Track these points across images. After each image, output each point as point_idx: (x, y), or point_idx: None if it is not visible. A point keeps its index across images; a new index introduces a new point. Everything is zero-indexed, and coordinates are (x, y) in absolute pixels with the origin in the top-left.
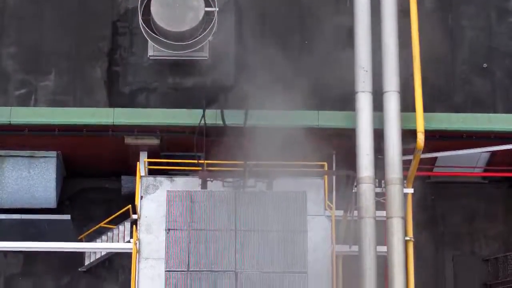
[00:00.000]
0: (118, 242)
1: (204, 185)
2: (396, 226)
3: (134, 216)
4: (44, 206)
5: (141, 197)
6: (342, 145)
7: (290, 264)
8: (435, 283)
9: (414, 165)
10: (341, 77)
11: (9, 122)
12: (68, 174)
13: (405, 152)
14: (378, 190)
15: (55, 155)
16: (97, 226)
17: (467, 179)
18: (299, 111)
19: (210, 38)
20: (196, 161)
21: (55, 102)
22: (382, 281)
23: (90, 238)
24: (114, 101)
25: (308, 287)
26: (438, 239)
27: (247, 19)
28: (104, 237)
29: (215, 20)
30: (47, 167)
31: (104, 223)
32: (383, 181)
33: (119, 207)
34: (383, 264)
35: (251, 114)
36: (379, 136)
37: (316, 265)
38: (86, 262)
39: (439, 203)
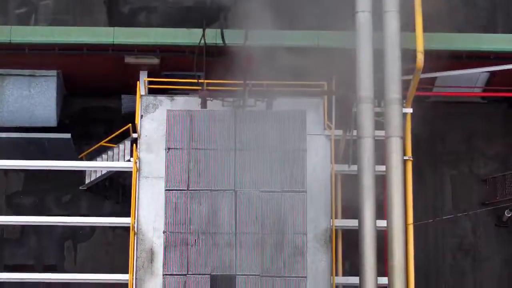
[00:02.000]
0: (118, 161)
1: (204, 105)
2: (395, 145)
3: (134, 135)
4: (44, 124)
5: (141, 116)
6: (341, 65)
7: (289, 183)
8: (433, 203)
9: (413, 85)
10: None
11: (9, 41)
12: (69, 93)
13: (404, 72)
14: (378, 109)
15: (55, 74)
16: (97, 145)
17: (466, 99)
18: (299, 31)
19: None
20: (196, 80)
21: (55, 21)
22: (381, 200)
23: (91, 157)
24: (114, 20)
25: (307, 206)
26: (437, 158)
27: None
28: (104, 156)
29: None
30: (47, 86)
31: (105, 142)
32: (382, 101)
33: (119, 126)
34: (382, 184)
35: (251, 34)
36: (378, 56)
37: (315, 184)
38: (87, 181)
39: (438, 123)
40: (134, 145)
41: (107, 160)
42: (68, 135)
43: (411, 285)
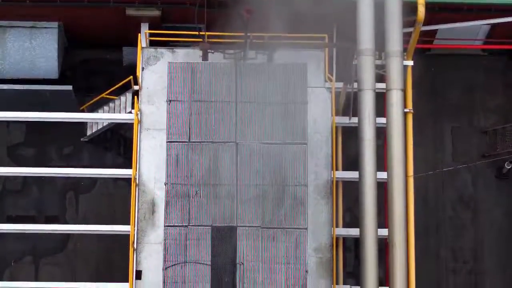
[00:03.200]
0: (119, 113)
1: (205, 57)
2: (395, 98)
3: (136, 87)
4: (46, 76)
5: (142, 68)
6: (343, 18)
7: (290, 135)
8: (434, 155)
9: (414, 38)
10: None
11: None
12: (70, 45)
13: (405, 24)
14: (378, 62)
15: (56, 26)
16: (98, 97)
17: (467, 52)
18: None
19: None
20: (197, 32)
21: None
22: (381, 152)
23: (92, 109)
24: None
25: (308, 158)
26: (437, 111)
27: None
28: (105, 108)
29: None
30: (49, 37)
31: (106, 94)
32: (383, 53)
33: (121, 78)
34: (382, 136)
35: None
36: (379, 9)
37: (316, 136)
38: (88, 133)
39: (439, 76)
40: (135, 97)
41: (108, 112)
42: (69, 87)
43: (411, 236)
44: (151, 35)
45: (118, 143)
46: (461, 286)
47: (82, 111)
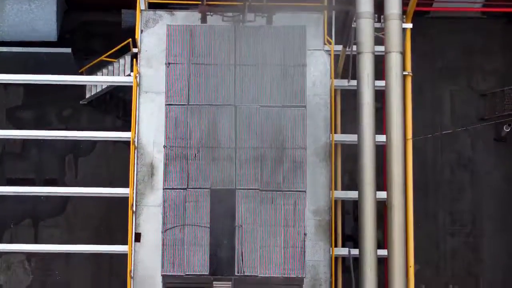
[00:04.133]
0: (118, 75)
1: (204, 20)
2: (394, 60)
3: (135, 50)
4: (45, 39)
5: (141, 31)
6: None
7: (289, 98)
8: (432, 118)
9: (413, 0)
10: None
11: None
12: (69, 7)
13: None
14: (378, 25)
15: None
16: (97, 60)
17: (466, 15)
18: None
19: None
20: None
21: None
22: (380, 115)
23: (91, 71)
24: None
25: (307, 120)
26: (436, 74)
27: None
28: (104, 71)
29: None
30: (47, 0)
31: (105, 57)
32: (382, 16)
33: (120, 40)
34: (381, 99)
35: None
36: None
37: (314, 99)
38: (87, 95)
39: (438, 39)
40: (134, 60)
41: (107, 75)
42: (68, 50)
43: (410, 199)
44: None
45: (117, 106)
46: (459, 249)
47: (81, 73)
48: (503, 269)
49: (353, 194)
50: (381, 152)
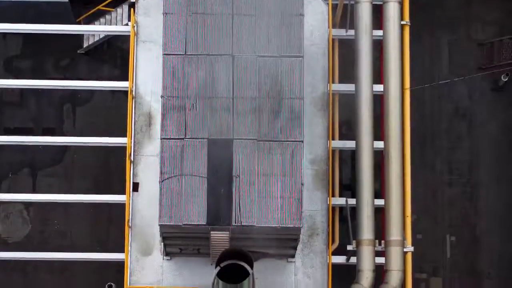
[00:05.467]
0: (116, 25)
1: None
2: (392, 10)
3: None
4: None
5: None
6: None
7: (286, 47)
8: (430, 68)
9: None
10: None
11: None
12: None
13: None
14: None
15: None
16: (95, 9)
17: None
18: None
19: None
20: None
21: None
22: (378, 64)
23: (88, 21)
24: None
25: (304, 70)
26: (435, 23)
27: None
28: (102, 20)
29: None
30: None
31: (102, 6)
32: None
33: None
34: (379, 49)
35: None
36: None
37: (312, 49)
38: (85, 45)
39: None
40: (132, 9)
41: (105, 24)
42: None
43: (407, 148)
44: None
45: (114, 56)
46: (456, 198)
47: (79, 23)
48: (499, 219)
49: (350, 144)
50: (379, 102)
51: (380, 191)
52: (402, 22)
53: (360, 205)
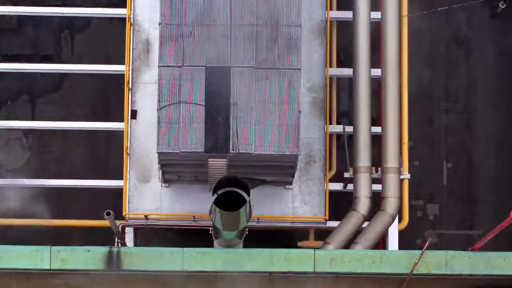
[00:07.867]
0: None
1: None
2: None
3: None
4: None
5: None
6: None
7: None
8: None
9: None
10: None
11: None
12: None
13: None
14: None
15: None
16: None
17: None
18: None
19: None
20: None
21: None
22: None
23: None
24: None
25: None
26: None
27: None
28: None
29: None
30: None
31: None
32: None
33: None
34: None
35: None
36: None
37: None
38: None
39: None
40: None
41: None
42: None
43: (404, 76)
44: None
45: None
46: (453, 125)
47: None
48: (496, 146)
49: (348, 72)
50: (377, 29)
51: (377, 118)
52: None
53: (357, 133)
